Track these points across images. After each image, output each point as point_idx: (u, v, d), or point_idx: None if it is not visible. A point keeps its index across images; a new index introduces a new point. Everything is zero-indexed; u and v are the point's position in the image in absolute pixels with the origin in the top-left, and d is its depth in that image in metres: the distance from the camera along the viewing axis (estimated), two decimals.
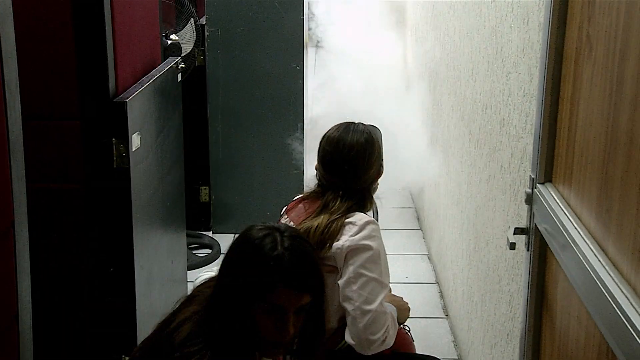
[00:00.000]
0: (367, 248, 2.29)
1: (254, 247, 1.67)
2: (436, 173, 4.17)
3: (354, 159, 2.44)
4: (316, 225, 2.34)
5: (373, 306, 2.25)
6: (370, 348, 2.27)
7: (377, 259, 2.30)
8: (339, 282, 2.29)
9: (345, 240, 2.30)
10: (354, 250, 2.29)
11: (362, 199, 2.47)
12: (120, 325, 2.63)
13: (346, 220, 2.34)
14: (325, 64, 5.53)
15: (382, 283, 2.30)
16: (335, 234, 2.32)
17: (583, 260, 1.43)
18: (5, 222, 1.57)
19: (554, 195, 1.70)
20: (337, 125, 2.55)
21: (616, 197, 1.35)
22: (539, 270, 1.82)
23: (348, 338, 2.29)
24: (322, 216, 2.38)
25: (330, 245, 2.31)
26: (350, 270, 2.28)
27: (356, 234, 2.31)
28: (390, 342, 2.33)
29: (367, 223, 2.34)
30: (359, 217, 2.36)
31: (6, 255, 1.58)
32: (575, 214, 1.57)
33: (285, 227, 1.75)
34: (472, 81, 3.16)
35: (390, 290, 2.45)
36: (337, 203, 2.41)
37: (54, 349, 2.44)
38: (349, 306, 2.27)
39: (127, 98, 2.49)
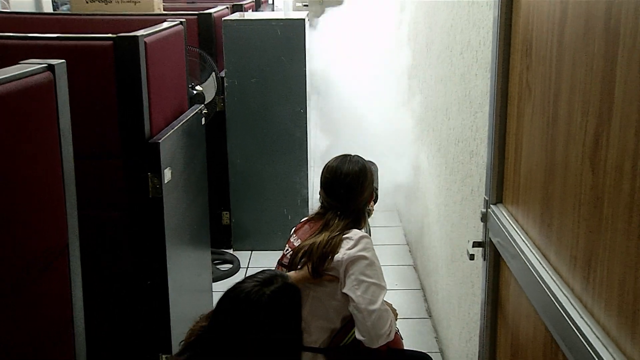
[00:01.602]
0: (363, 258, 2.30)
1: None
2: (419, 196, 4.19)
3: (349, 185, 2.46)
4: (319, 241, 2.35)
5: (376, 306, 2.26)
6: (379, 341, 2.28)
7: (372, 266, 2.31)
8: (344, 290, 2.29)
9: (343, 253, 2.31)
10: (352, 261, 2.30)
11: (357, 218, 2.48)
12: (156, 328, 2.64)
13: (344, 236, 2.35)
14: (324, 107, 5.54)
15: (380, 286, 2.31)
16: (336, 248, 2.33)
17: (530, 267, 1.46)
18: (61, 243, 1.58)
19: (504, 213, 1.72)
20: (335, 157, 2.57)
21: (556, 214, 1.38)
22: (493, 277, 1.83)
23: (359, 336, 2.28)
24: (323, 233, 2.39)
25: (332, 258, 2.31)
26: (352, 279, 2.28)
27: (352, 247, 2.32)
28: (392, 335, 2.34)
29: (361, 237, 2.36)
30: (354, 233, 2.37)
31: (62, 272, 1.59)
32: (523, 229, 1.59)
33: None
34: (446, 119, 3.19)
35: None
36: (336, 221, 2.42)
37: (103, 348, 2.44)
38: (356, 309, 2.27)
39: (159, 139, 2.50)
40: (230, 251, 4.63)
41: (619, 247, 1.09)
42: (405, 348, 2.66)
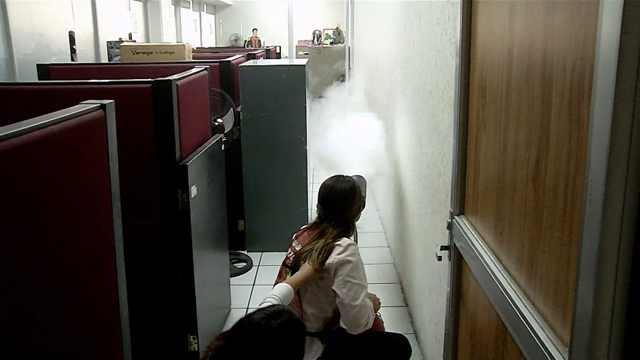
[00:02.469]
0: (349, 262, 2.30)
1: None
2: (398, 208, 4.21)
3: (341, 200, 2.46)
4: (316, 247, 2.36)
5: (358, 302, 2.27)
6: (358, 330, 2.28)
7: (357, 269, 2.31)
8: (333, 287, 2.30)
9: (334, 258, 2.31)
10: (341, 265, 2.30)
11: (347, 227, 2.48)
12: (185, 314, 2.64)
13: (335, 243, 2.36)
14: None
15: (362, 285, 2.31)
16: (329, 253, 2.33)
17: (485, 266, 1.47)
18: (109, 246, 1.60)
19: (465, 223, 1.73)
20: (330, 176, 2.59)
21: (506, 224, 1.38)
22: (457, 274, 1.84)
23: (342, 324, 2.29)
24: (320, 240, 2.39)
25: (326, 261, 2.35)
26: (340, 279, 2.29)
27: (341, 253, 2.32)
28: (370, 324, 2.33)
29: (349, 245, 2.36)
30: (344, 241, 2.37)
31: (110, 269, 1.60)
32: (480, 236, 1.60)
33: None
34: (419, 146, 3.19)
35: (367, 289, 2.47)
36: (330, 230, 2.43)
37: (142, 329, 2.45)
38: (341, 304, 2.28)
39: (187, 162, 2.52)
40: (245, 252, 4.61)
41: (555, 251, 1.10)
42: (386, 330, 2.66)
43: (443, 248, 1.91)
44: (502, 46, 1.41)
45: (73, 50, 7.37)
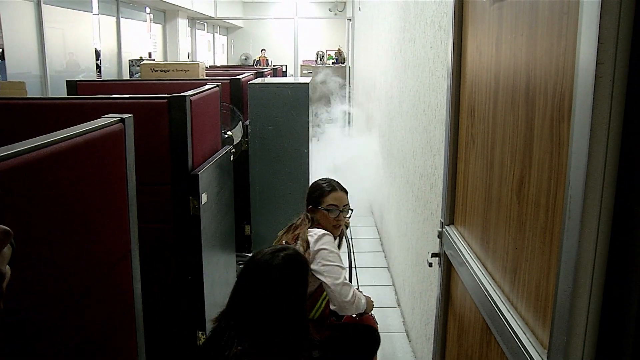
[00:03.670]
0: (324, 249, 2.36)
1: None
2: (393, 216, 4.22)
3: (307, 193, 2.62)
4: (288, 238, 2.49)
5: (339, 280, 2.30)
6: (346, 308, 2.31)
7: (332, 253, 2.36)
8: (315, 275, 2.34)
9: (311, 247, 2.38)
10: (317, 253, 2.36)
11: (310, 219, 2.56)
12: (194, 311, 2.62)
13: (308, 235, 2.43)
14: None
15: (340, 266, 2.35)
16: (307, 244, 2.40)
17: (472, 273, 1.46)
18: (125, 249, 1.60)
19: (455, 232, 1.72)
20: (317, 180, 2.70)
21: (491, 234, 1.38)
22: (446, 279, 1.83)
23: (332, 307, 2.33)
24: (290, 233, 2.52)
25: (305, 250, 2.38)
26: (319, 265, 2.34)
27: (315, 243, 2.38)
28: (359, 305, 2.35)
29: (322, 235, 2.42)
30: (316, 232, 2.44)
31: (126, 269, 1.60)
32: (468, 244, 1.59)
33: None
34: (413, 159, 3.20)
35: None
36: (302, 222, 2.53)
37: (155, 325, 2.44)
38: (327, 287, 2.32)
39: (199, 172, 2.52)
40: (250, 254, 4.60)
41: (537, 260, 1.09)
42: (378, 329, 2.65)
43: (433, 255, 1.90)
44: (489, 71, 1.41)
45: (99, 68, 7.47)
